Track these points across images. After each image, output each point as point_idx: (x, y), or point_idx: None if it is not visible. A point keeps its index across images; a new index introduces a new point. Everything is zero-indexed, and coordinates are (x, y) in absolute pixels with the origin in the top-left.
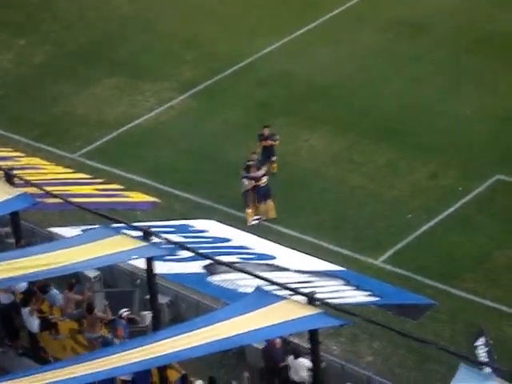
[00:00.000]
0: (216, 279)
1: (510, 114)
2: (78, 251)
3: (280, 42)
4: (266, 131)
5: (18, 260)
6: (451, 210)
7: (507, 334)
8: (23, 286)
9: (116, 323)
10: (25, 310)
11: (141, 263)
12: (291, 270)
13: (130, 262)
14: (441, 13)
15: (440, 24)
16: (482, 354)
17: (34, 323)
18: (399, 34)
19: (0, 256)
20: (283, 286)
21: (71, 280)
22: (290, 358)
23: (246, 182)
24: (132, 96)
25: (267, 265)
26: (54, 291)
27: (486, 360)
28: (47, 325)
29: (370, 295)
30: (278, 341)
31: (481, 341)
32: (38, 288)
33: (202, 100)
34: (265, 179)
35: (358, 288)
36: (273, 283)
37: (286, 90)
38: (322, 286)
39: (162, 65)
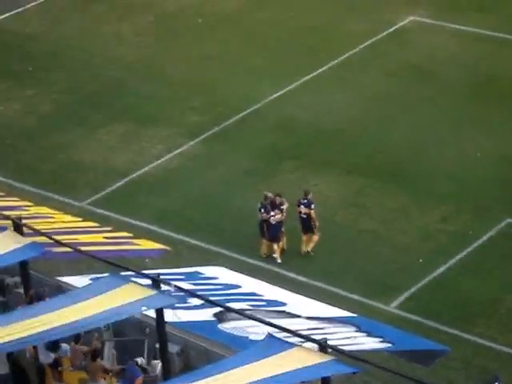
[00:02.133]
0: (226, 327)
1: None
2: (88, 305)
3: (287, 88)
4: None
5: (27, 321)
6: (462, 254)
7: None
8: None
9: (133, 373)
10: None
11: (150, 311)
12: (302, 317)
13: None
14: (445, 58)
15: (445, 69)
16: None
17: None
18: (405, 79)
19: (10, 316)
20: (294, 333)
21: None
22: None
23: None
24: (139, 143)
25: (278, 311)
26: (64, 346)
27: None
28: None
29: (381, 341)
30: None
31: None
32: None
33: (209, 146)
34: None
35: (369, 334)
36: (284, 330)
37: (293, 135)
38: (334, 333)
39: (169, 111)
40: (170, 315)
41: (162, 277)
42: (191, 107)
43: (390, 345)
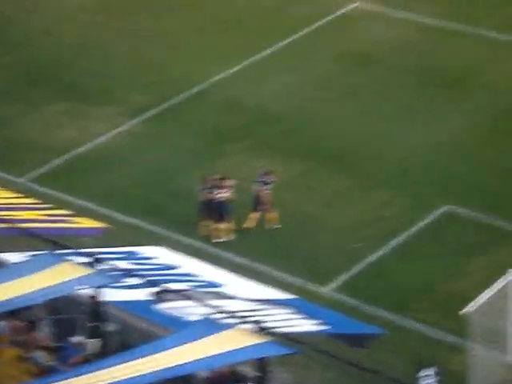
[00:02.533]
0: (164, 307)
1: (459, 145)
2: (25, 282)
3: (233, 69)
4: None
5: None
6: (400, 239)
7: (453, 364)
8: None
9: (70, 351)
10: None
11: (88, 289)
12: (240, 298)
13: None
14: (391, 45)
15: (390, 56)
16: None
17: None
18: (350, 65)
19: None
20: (232, 314)
21: None
22: None
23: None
24: (82, 121)
25: (216, 293)
26: (1, 323)
27: None
28: None
29: (319, 324)
30: (225, 369)
31: (427, 371)
32: None
33: (153, 125)
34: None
35: (307, 317)
36: (221, 311)
37: (238, 116)
38: (272, 315)
39: (114, 89)
40: (107, 294)
41: (100, 256)
42: (135, 86)
43: (327, 327)
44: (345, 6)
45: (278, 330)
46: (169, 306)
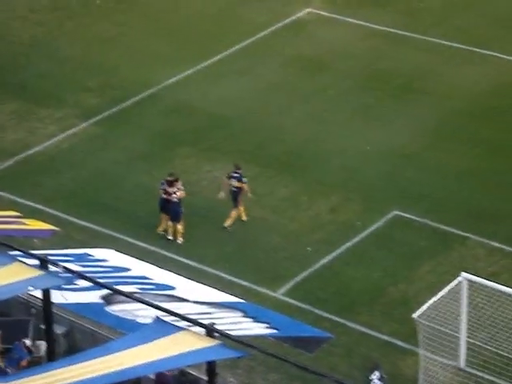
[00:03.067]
0: (114, 309)
1: (406, 150)
2: None
3: (184, 74)
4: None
5: None
6: (350, 244)
7: (401, 368)
8: None
9: (19, 353)
10: None
11: (37, 291)
12: (190, 301)
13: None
14: (341, 50)
15: (340, 61)
16: None
17: None
18: (300, 70)
19: None
20: (182, 317)
21: None
22: None
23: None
24: (31, 122)
25: (166, 295)
26: None
27: None
28: None
29: (267, 327)
30: (173, 372)
31: (375, 375)
32: None
33: (104, 128)
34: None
35: (255, 320)
36: (171, 314)
37: (188, 120)
38: (221, 318)
39: (64, 91)
40: (56, 296)
41: (50, 257)
42: (87, 88)
43: (275, 331)
44: (296, 12)
45: (227, 333)
46: (119, 309)
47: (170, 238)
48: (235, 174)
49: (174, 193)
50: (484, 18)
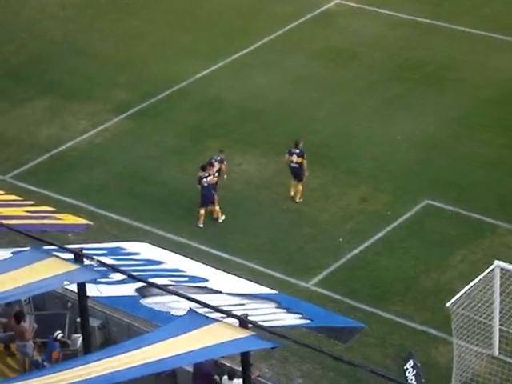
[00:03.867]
0: (148, 302)
1: (437, 140)
2: (9, 278)
3: (213, 67)
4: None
5: None
6: (381, 234)
7: (435, 357)
8: None
9: (51, 346)
10: None
11: (72, 285)
12: (224, 293)
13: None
14: (369, 41)
15: (368, 52)
16: (410, 376)
17: None
18: (329, 62)
19: None
20: (216, 309)
21: None
22: (224, 378)
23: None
24: (64, 118)
25: (200, 287)
26: None
27: (414, 383)
28: None
29: (300, 318)
30: (209, 362)
31: (409, 364)
32: None
33: (135, 123)
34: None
35: (289, 311)
36: (205, 306)
37: (218, 114)
38: (254, 309)
39: (95, 87)
40: (92, 290)
41: (84, 251)
42: (117, 84)
43: (308, 321)
44: (324, 3)
45: (260, 324)
46: (154, 301)
47: (201, 225)
48: (296, 150)
49: (205, 177)
50: (509, 5)
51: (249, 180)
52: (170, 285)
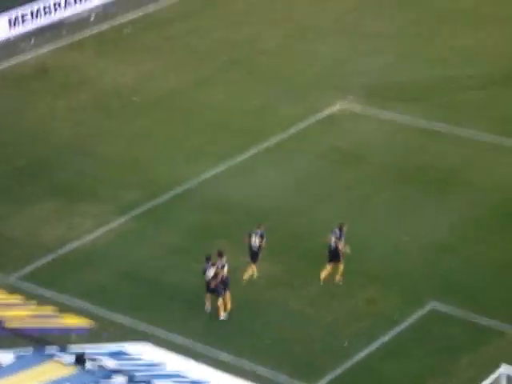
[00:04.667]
0: None
1: (444, 242)
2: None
3: (220, 168)
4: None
5: None
6: (387, 337)
7: None
8: None
9: None
10: None
11: None
12: None
13: None
14: (374, 145)
15: (375, 156)
16: None
17: None
18: (336, 163)
19: None
20: None
21: None
22: None
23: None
24: (69, 218)
25: None
26: None
27: None
28: None
29: None
30: None
31: None
32: None
33: (140, 223)
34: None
35: None
36: None
37: (224, 214)
38: None
39: (101, 188)
40: None
41: (85, 354)
42: (123, 184)
43: None
44: (329, 106)
45: None
46: None
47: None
48: (337, 232)
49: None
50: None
51: (255, 280)
52: None
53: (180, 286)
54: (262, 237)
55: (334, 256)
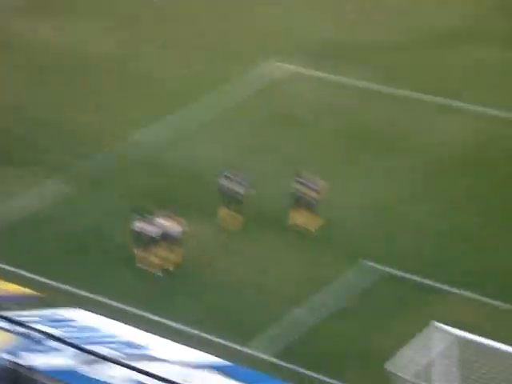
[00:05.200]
0: (86, 370)
1: (385, 204)
2: None
3: (155, 131)
4: None
5: None
6: (325, 297)
7: None
8: None
9: None
10: None
11: (8, 355)
12: (166, 361)
13: None
14: (318, 106)
15: (318, 117)
16: None
17: None
18: (276, 126)
19: None
20: (159, 379)
21: None
22: None
23: None
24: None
25: (141, 355)
26: None
27: None
28: None
29: None
30: None
31: None
32: None
33: (75, 186)
34: None
35: (235, 380)
36: (144, 374)
37: (161, 178)
38: (199, 378)
39: (34, 151)
40: (28, 359)
41: (20, 319)
42: (56, 147)
43: None
44: (268, 68)
45: None
46: (92, 370)
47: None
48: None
49: None
50: (456, 69)
51: (196, 245)
52: (109, 353)
53: (116, 249)
54: (244, 184)
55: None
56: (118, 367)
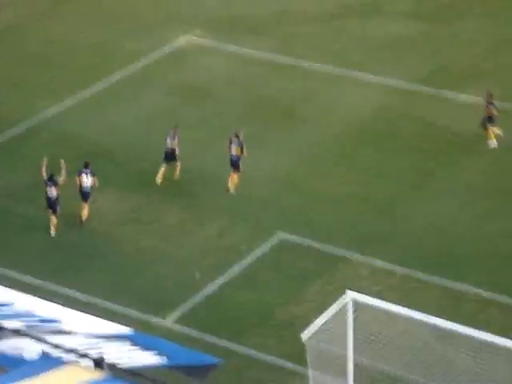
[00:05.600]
0: None
1: (289, 177)
2: None
3: (67, 103)
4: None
5: None
6: (237, 268)
7: None
8: None
9: None
10: None
11: None
12: (77, 333)
13: None
14: (221, 78)
15: (221, 90)
16: None
17: None
18: (184, 99)
19: None
20: (69, 350)
21: None
22: None
23: None
24: None
25: (52, 328)
26: None
27: None
28: None
29: (156, 355)
30: None
31: None
32: None
33: None
34: None
35: (145, 349)
36: (58, 347)
37: (72, 150)
38: (110, 349)
39: None
40: None
41: None
42: None
43: (164, 359)
44: (177, 40)
45: (116, 364)
46: (4, 345)
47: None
48: (236, 141)
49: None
50: (357, 41)
51: (103, 216)
52: (22, 327)
53: (30, 223)
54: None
55: (236, 165)
56: (31, 341)
